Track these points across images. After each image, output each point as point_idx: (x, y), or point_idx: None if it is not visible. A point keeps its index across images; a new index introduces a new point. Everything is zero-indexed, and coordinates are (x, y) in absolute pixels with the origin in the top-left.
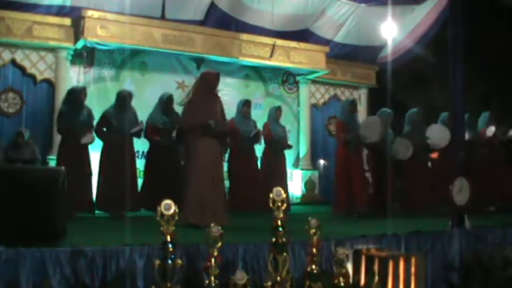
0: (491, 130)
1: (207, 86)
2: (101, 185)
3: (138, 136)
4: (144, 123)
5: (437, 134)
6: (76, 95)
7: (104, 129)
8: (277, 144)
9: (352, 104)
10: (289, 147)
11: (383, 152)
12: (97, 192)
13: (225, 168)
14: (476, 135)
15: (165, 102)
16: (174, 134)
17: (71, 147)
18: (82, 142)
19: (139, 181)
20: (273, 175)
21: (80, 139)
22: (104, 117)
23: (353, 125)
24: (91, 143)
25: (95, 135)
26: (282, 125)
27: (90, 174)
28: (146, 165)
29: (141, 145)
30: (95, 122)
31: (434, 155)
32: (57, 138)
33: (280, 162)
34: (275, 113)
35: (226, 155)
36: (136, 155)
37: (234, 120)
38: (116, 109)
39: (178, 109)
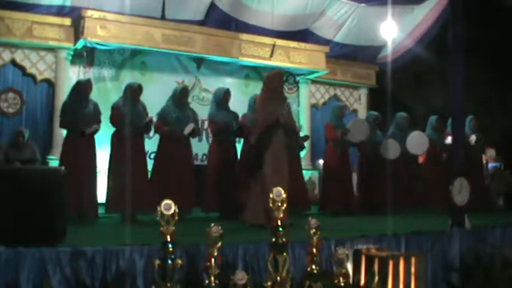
0: (472, 139)
1: (270, 88)
2: (113, 184)
3: (148, 131)
4: (155, 117)
5: (416, 141)
6: (81, 88)
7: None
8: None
9: (343, 109)
10: (306, 138)
11: (369, 152)
12: (107, 193)
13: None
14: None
15: (179, 95)
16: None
17: (76, 144)
18: (86, 132)
19: None
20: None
21: (85, 133)
22: (115, 109)
23: (341, 128)
24: (96, 132)
25: (111, 125)
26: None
27: (95, 173)
28: (155, 163)
29: (150, 145)
30: (102, 116)
31: (421, 159)
32: (57, 138)
33: (295, 160)
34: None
35: None
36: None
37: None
38: (125, 102)
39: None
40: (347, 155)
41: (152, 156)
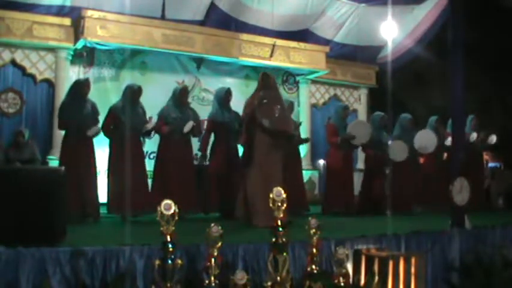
0: (473, 136)
1: (257, 89)
2: (113, 187)
3: (149, 135)
4: (156, 117)
5: (425, 139)
6: (79, 87)
7: (111, 126)
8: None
9: (346, 109)
10: (306, 141)
11: (375, 152)
12: (108, 195)
13: None
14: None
15: (178, 95)
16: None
17: (75, 144)
18: (88, 134)
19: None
20: (290, 176)
21: (85, 132)
22: (111, 113)
23: (344, 129)
24: (97, 135)
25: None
26: (294, 120)
27: (95, 173)
28: (156, 164)
29: (150, 145)
30: (100, 117)
31: (421, 160)
32: (57, 138)
33: (296, 161)
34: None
35: None
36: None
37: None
38: (124, 104)
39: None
40: (350, 157)
41: (152, 156)
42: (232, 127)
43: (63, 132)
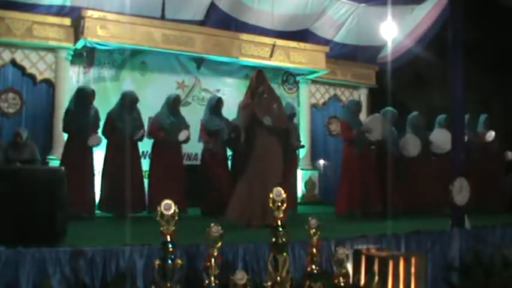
0: (491, 135)
1: (251, 88)
2: (105, 187)
3: (141, 140)
4: (147, 119)
5: (442, 138)
6: (86, 97)
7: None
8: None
9: (358, 105)
10: (301, 147)
11: (386, 150)
12: (101, 194)
13: None
14: (475, 136)
15: (172, 103)
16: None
17: (77, 148)
18: (89, 144)
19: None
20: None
21: (86, 139)
22: (109, 118)
23: (357, 125)
24: (98, 145)
25: (102, 136)
26: (294, 123)
27: (93, 175)
28: (150, 166)
29: (145, 145)
30: (100, 122)
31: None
32: (57, 138)
33: (291, 164)
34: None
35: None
36: (142, 156)
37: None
38: (120, 111)
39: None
40: (368, 153)
41: (146, 155)
42: (222, 135)
43: (65, 135)
